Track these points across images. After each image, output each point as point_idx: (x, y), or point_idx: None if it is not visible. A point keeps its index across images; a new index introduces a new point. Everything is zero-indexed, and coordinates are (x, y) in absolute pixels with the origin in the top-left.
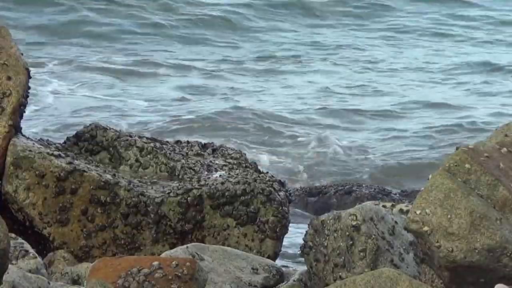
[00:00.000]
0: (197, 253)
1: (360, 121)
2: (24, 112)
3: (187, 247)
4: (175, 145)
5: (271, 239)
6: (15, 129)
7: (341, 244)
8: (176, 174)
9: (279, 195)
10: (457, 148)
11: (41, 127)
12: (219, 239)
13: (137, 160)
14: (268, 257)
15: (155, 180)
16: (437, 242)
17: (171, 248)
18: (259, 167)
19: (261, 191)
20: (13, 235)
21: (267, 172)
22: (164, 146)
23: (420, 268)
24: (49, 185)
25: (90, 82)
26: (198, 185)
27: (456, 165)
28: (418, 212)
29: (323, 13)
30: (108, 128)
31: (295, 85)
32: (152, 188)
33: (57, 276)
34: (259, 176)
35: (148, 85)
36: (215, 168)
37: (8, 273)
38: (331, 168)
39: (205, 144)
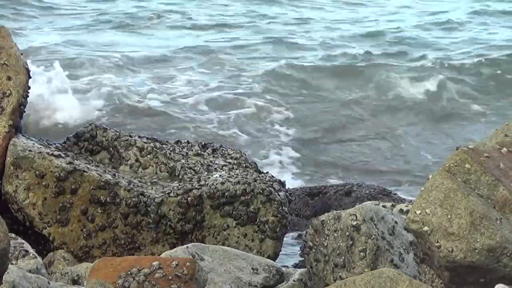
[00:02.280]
0: (197, 253)
1: None
2: (24, 112)
3: (187, 247)
4: (175, 145)
5: (271, 239)
6: (15, 129)
7: (341, 244)
8: (176, 174)
9: (279, 195)
10: (457, 148)
11: None
12: (219, 239)
13: (137, 160)
14: (268, 257)
15: (155, 180)
16: (437, 242)
17: (171, 248)
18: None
19: (261, 191)
20: (13, 235)
21: (267, 172)
22: (164, 146)
23: (420, 268)
24: (49, 185)
25: None
26: (198, 185)
27: (456, 165)
28: (418, 212)
29: None
30: (108, 128)
31: None
32: (152, 188)
33: (57, 276)
34: (259, 176)
35: None
36: (215, 168)
37: (8, 273)
38: None
39: (205, 144)
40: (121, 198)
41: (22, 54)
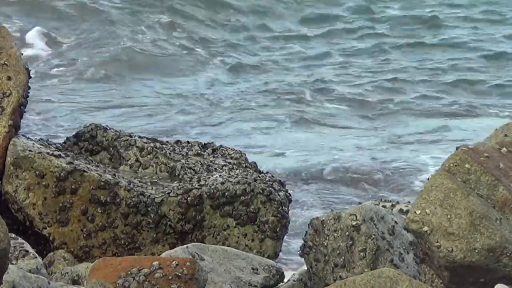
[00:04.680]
0: (197, 253)
1: None
2: (24, 112)
3: (187, 247)
4: (175, 145)
5: (271, 239)
6: (15, 129)
7: (341, 244)
8: (176, 174)
9: (279, 195)
10: (457, 148)
11: None
12: (219, 239)
13: (137, 160)
14: (268, 257)
15: (155, 180)
16: (437, 242)
17: (171, 248)
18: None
19: (261, 191)
20: (13, 235)
21: (267, 172)
22: (164, 146)
23: (420, 268)
24: (49, 185)
25: None
26: (198, 185)
27: (456, 165)
28: (418, 212)
29: None
30: (108, 128)
31: None
32: (152, 188)
33: (57, 276)
34: (259, 176)
35: None
36: (215, 168)
37: (8, 273)
38: None
39: (205, 144)
40: (121, 198)
41: (22, 54)
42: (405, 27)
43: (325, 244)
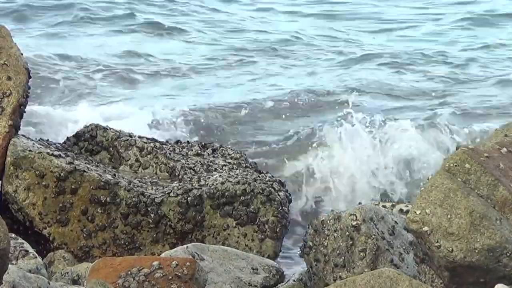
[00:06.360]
0: (197, 253)
1: None
2: (24, 112)
3: (187, 247)
4: (175, 145)
5: (271, 239)
6: (15, 129)
7: (341, 244)
8: (176, 174)
9: (279, 195)
10: (457, 148)
11: None
12: (219, 239)
13: (137, 160)
14: (268, 257)
15: (155, 180)
16: (437, 242)
17: (171, 248)
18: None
19: (261, 191)
20: (13, 235)
21: (267, 172)
22: (164, 146)
23: (420, 268)
24: (49, 185)
25: None
26: (198, 185)
27: (456, 165)
28: (418, 212)
29: None
30: (108, 128)
31: None
32: (152, 188)
33: (57, 276)
34: (259, 176)
35: None
36: (215, 168)
37: (8, 273)
38: None
39: (205, 144)
40: (121, 198)
41: (22, 54)
42: None
43: (325, 244)
